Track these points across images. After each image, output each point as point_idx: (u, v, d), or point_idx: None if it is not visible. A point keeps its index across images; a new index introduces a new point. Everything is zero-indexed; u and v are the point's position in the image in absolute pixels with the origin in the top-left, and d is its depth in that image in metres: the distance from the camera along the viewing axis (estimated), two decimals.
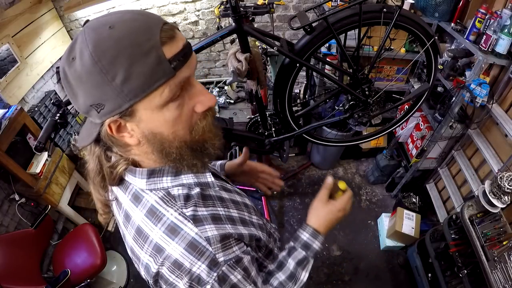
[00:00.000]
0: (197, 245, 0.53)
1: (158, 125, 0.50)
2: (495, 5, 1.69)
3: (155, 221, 0.54)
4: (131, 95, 0.45)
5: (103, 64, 0.43)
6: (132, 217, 0.57)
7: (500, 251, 1.42)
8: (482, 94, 1.62)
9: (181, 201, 0.57)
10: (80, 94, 0.46)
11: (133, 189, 0.59)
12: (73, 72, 0.45)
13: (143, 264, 0.56)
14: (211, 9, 2.50)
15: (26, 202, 1.95)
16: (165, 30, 0.47)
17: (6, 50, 2.00)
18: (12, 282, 1.58)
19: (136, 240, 0.56)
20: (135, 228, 0.56)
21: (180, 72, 0.47)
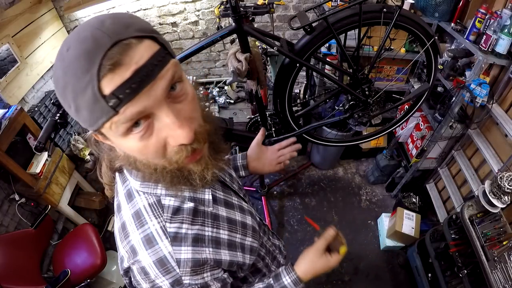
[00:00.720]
0: (166, 263, 0.54)
1: (127, 150, 0.48)
2: (495, 5, 1.69)
3: (138, 225, 0.55)
4: (86, 124, 0.43)
5: (59, 93, 0.42)
6: (122, 210, 0.59)
7: (500, 251, 1.42)
8: (482, 94, 1.62)
9: (169, 213, 0.56)
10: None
11: (128, 185, 0.60)
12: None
13: (119, 254, 0.59)
14: (211, 9, 2.50)
15: (26, 202, 1.95)
16: (110, 56, 0.38)
17: (6, 50, 2.00)
18: (12, 282, 1.58)
19: (120, 232, 0.58)
20: (121, 222, 0.58)
21: (126, 108, 0.40)
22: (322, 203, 2.61)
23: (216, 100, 2.54)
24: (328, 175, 2.86)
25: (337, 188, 2.74)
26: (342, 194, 2.69)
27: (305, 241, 2.36)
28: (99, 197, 2.41)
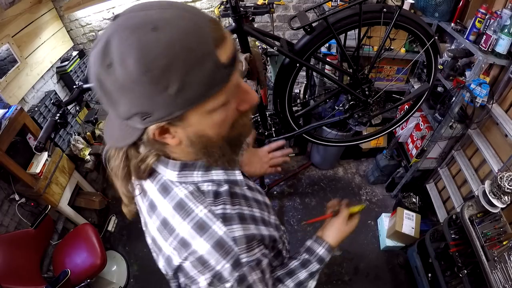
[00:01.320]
0: (224, 244, 0.53)
1: (206, 128, 0.49)
2: (495, 5, 1.69)
3: (183, 215, 0.54)
4: (185, 104, 0.42)
5: (153, 74, 0.39)
6: (158, 207, 0.56)
7: (500, 251, 1.42)
8: (482, 94, 1.62)
9: (211, 197, 0.57)
10: (123, 102, 0.42)
11: (161, 180, 0.58)
12: (113, 81, 0.40)
13: (164, 256, 0.55)
14: (211, 9, 2.50)
15: (26, 202, 1.95)
16: (215, 30, 0.42)
17: (6, 50, 2.00)
18: (12, 282, 1.58)
19: (160, 231, 0.56)
20: (161, 219, 0.56)
21: (233, 76, 0.45)
22: (322, 203, 2.61)
23: None
24: (328, 175, 2.86)
25: (337, 188, 2.74)
26: (342, 194, 2.69)
27: (305, 241, 2.36)
28: (99, 197, 2.41)
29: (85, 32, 2.64)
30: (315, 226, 2.45)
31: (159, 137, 0.49)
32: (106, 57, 0.40)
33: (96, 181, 2.72)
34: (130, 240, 2.49)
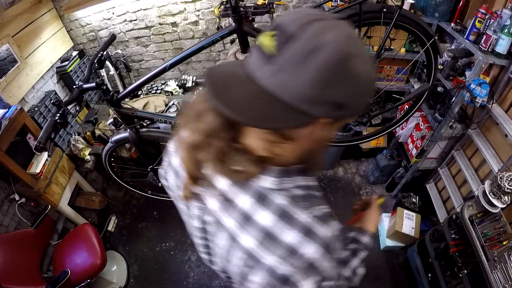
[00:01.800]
0: (331, 245, 0.53)
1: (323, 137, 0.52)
2: (495, 5, 1.69)
3: (289, 223, 0.52)
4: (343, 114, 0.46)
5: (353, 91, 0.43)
6: (257, 218, 0.52)
7: (500, 251, 1.42)
8: (482, 94, 1.62)
9: (306, 202, 0.55)
10: (336, 89, 0.41)
11: (254, 187, 0.53)
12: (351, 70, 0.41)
13: (264, 267, 0.52)
14: (211, 9, 2.49)
15: (26, 202, 1.95)
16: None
17: (6, 50, 2.00)
18: (12, 282, 1.58)
19: (261, 242, 0.52)
20: (262, 230, 0.52)
21: None
22: None
23: None
24: (328, 175, 2.85)
25: (337, 188, 2.74)
26: (342, 194, 2.69)
27: None
28: (99, 197, 2.41)
29: (85, 32, 2.64)
30: None
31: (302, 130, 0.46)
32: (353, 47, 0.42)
33: (96, 181, 2.72)
34: (130, 240, 2.49)
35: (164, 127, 1.76)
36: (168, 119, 1.63)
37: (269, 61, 0.41)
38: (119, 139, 1.76)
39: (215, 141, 0.50)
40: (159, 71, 1.42)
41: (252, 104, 0.42)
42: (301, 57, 0.39)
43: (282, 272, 0.51)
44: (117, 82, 2.76)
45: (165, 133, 1.73)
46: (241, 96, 0.43)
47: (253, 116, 0.42)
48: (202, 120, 0.51)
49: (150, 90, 2.78)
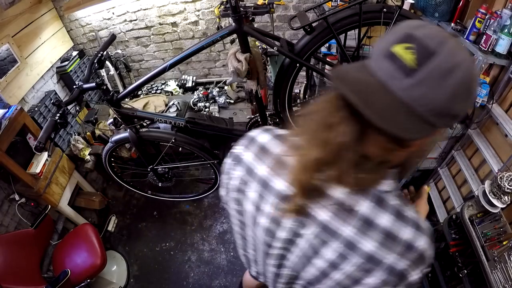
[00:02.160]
0: (431, 235, 0.58)
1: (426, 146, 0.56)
2: (495, 5, 1.68)
3: (404, 221, 0.55)
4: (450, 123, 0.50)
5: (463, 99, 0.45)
6: (377, 221, 0.54)
7: (500, 251, 1.42)
8: (482, 94, 1.62)
9: (403, 200, 0.59)
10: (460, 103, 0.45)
11: (373, 192, 0.55)
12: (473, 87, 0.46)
13: (384, 267, 0.54)
14: (211, 9, 2.50)
15: (26, 202, 1.95)
16: None
17: (6, 50, 2.00)
18: (12, 282, 1.58)
19: (382, 244, 0.54)
20: (382, 232, 0.54)
21: None
22: None
23: (216, 100, 2.54)
24: None
25: None
26: None
27: None
28: (99, 197, 2.41)
29: (85, 32, 2.64)
30: None
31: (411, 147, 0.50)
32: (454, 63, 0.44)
33: (96, 181, 2.72)
34: (130, 240, 2.49)
35: (164, 127, 1.76)
36: (168, 119, 1.63)
37: (408, 74, 0.43)
38: (119, 139, 1.76)
39: (348, 153, 0.48)
40: (159, 71, 1.42)
41: (395, 114, 0.44)
42: (441, 74, 0.42)
43: (400, 268, 0.54)
44: (117, 82, 2.77)
45: (165, 133, 1.73)
46: (384, 107, 0.44)
47: (397, 126, 0.43)
48: (333, 131, 0.48)
49: (150, 90, 2.79)
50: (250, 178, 0.65)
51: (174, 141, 1.68)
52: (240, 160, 0.68)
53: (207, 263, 2.30)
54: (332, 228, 0.56)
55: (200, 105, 2.52)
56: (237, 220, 0.76)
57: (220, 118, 1.79)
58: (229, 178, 0.71)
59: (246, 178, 0.66)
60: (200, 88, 2.76)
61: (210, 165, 1.92)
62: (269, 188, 0.62)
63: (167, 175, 2.06)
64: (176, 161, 1.97)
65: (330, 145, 0.49)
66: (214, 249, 2.37)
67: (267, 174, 0.62)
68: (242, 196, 0.68)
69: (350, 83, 0.46)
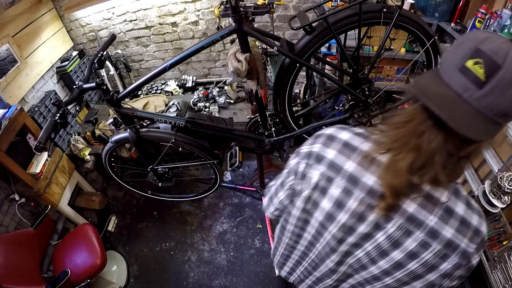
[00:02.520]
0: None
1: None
2: (495, 5, 1.68)
3: (472, 209, 0.64)
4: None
5: None
6: (456, 210, 0.63)
7: (500, 251, 1.42)
8: None
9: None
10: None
11: (451, 186, 0.64)
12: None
13: (459, 252, 0.62)
14: (211, 9, 2.50)
15: (26, 202, 1.95)
16: None
17: (6, 50, 2.00)
18: (12, 282, 1.58)
19: (459, 230, 0.62)
20: (459, 219, 0.62)
21: None
22: None
23: (216, 100, 2.54)
24: None
25: None
26: None
27: None
28: (99, 197, 2.41)
29: (85, 32, 2.64)
30: None
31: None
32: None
33: (96, 181, 2.72)
34: (130, 240, 2.49)
35: (164, 127, 1.76)
36: (168, 119, 1.63)
37: (479, 86, 0.50)
38: (119, 139, 1.76)
39: (438, 156, 0.56)
40: (159, 71, 1.42)
41: (471, 121, 0.52)
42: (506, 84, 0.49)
43: (470, 251, 0.63)
44: (117, 82, 2.77)
45: (165, 133, 1.73)
46: (463, 116, 0.52)
47: (474, 131, 0.51)
48: (425, 139, 0.56)
49: (150, 90, 2.79)
50: (334, 175, 0.68)
51: (174, 141, 1.68)
52: (321, 158, 0.71)
53: (207, 263, 2.30)
54: (419, 218, 0.63)
55: (200, 105, 2.52)
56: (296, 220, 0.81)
57: (220, 118, 1.78)
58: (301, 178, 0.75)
59: (330, 174, 0.69)
60: (200, 88, 2.76)
61: (210, 165, 1.92)
62: (358, 183, 0.66)
63: (167, 175, 2.06)
64: (176, 161, 1.97)
65: (422, 150, 0.56)
66: (214, 249, 2.37)
67: (356, 170, 0.66)
68: (318, 194, 0.72)
69: (432, 97, 0.54)
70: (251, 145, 2.03)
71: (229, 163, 1.79)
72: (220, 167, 1.97)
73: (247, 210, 2.60)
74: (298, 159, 0.76)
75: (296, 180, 0.76)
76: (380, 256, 0.68)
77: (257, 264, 2.26)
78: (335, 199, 0.69)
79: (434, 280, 0.65)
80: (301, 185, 0.75)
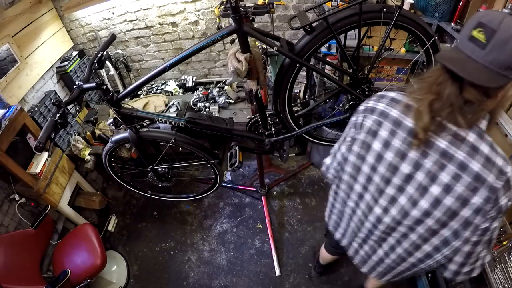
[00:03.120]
0: None
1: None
2: (495, 5, 1.68)
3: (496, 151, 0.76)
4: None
5: None
6: (480, 148, 0.75)
7: (500, 251, 1.42)
8: None
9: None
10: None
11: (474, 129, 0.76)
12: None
13: (488, 186, 0.74)
14: (211, 9, 2.50)
15: (26, 202, 1.95)
16: None
17: (6, 50, 2.00)
18: (12, 282, 1.58)
19: (485, 165, 0.74)
20: (484, 156, 0.74)
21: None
22: (322, 203, 2.61)
23: (216, 100, 2.54)
24: None
25: None
26: None
27: (305, 241, 2.36)
28: (99, 197, 2.41)
29: (85, 32, 2.64)
30: (315, 226, 2.44)
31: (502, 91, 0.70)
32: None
33: (96, 181, 2.73)
34: (130, 240, 2.49)
35: (164, 127, 1.76)
36: (168, 119, 1.63)
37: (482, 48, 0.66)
38: (119, 139, 1.76)
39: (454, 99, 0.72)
40: (159, 71, 1.42)
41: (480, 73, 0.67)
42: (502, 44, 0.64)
43: (498, 186, 0.74)
44: (117, 82, 2.77)
45: (165, 133, 1.72)
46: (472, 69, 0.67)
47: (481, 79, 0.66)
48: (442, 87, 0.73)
49: (150, 90, 2.79)
50: (383, 120, 0.86)
51: (174, 141, 1.68)
52: (373, 110, 0.89)
53: (207, 263, 2.30)
54: (450, 152, 0.77)
55: (200, 105, 2.52)
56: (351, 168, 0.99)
57: (220, 118, 1.78)
58: (360, 127, 0.93)
59: (381, 119, 0.86)
60: (200, 88, 2.76)
61: (210, 165, 1.92)
62: (401, 125, 0.82)
63: (167, 175, 2.06)
64: (176, 161, 1.97)
65: (440, 94, 0.73)
66: (214, 249, 2.37)
67: (399, 115, 0.83)
68: (370, 137, 0.89)
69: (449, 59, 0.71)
70: (251, 145, 2.03)
71: (229, 163, 1.79)
72: (220, 167, 1.97)
73: (247, 210, 2.60)
74: (356, 115, 0.95)
75: (356, 130, 0.94)
76: (421, 195, 0.82)
77: (257, 264, 2.26)
78: (383, 139, 0.86)
79: (468, 217, 0.78)
80: (359, 133, 0.93)
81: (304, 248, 2.32)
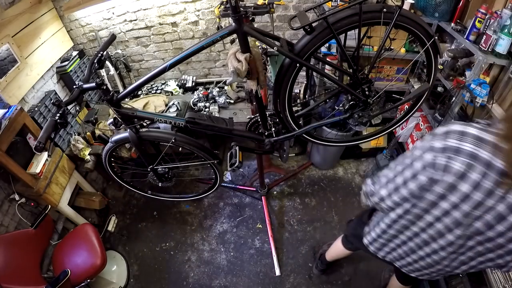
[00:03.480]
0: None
1: None
2: (495, 5, 1.68)
3: None
4: None
5: None
6: None
7: None
8: (482, 94, 1.62)
9: None
10: None
11: None
12: None
13: None
14: (211, 9, 2.50)
15: (26, 202, 1.95)
16: None
17: (6, 50, 2.00)
18: (12, 282, 1.58)
19: None
20: None
21: None
22: (322, 203, 2.61)
23: (216, 100, 2.54)
24: (328, 175, 2.86)
25: (337, 188, 2.74)
26: (342, 194, 2.69)
27: (305, 241, 2.36)
28: (99, 197, 2.42)
29: (85, 32, 2.64)
30: (315, 226, 2.45)
31: None
32: None
33: (96, 181, 2.73)
34: (130, 240, 2.49)
35: (164, 127, 1.76)
36: (168, 119, 1.63)
37: None
38: (119, 139, 1.76)
39: None
40: (159, 71, 1.42)
41: None
42: None
43: None
44: (117, 82, 2.77)
45: (165, 133, 1.73)
46: None
47: None
48: None
49: (150, 90, 2.79)
50: (474, 163, 0.81)
51: (174, 141, 1.68)
52: (459, 150, 0.83)
53: (207, 263, 2.30)
54: None
55: (200, 105, 2.52)
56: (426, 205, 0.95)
57: (220, 118, 1.78)
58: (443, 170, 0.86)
59: (471, 162, 0.82)
60: (200, 88, 2.76)
61: (210, 165, 1.92)
62: (492, 167, 0.79)
63: (167, 175, 2.06)
64: (176, 161, 1.97)
65: None
66: (214, 249, 2.38)
67: (489, 158, 0.79)
68: (458, 180, 0.84)
69: None
70: (251, 145, 2.03)
71: (229, 163, 1.79)
72: (220, 167, 1.97)
73: (247, 210, 2.60)
74: (433, 154, 0.87)
75: (436, 171, 0.87)
76: (498, 221, 0.82)
77: (257, 264, 2.27)
78: (474, 182, 0.82)
79: None
80: (443, 175, 0.86)
81: (304, 248, 2.32)
